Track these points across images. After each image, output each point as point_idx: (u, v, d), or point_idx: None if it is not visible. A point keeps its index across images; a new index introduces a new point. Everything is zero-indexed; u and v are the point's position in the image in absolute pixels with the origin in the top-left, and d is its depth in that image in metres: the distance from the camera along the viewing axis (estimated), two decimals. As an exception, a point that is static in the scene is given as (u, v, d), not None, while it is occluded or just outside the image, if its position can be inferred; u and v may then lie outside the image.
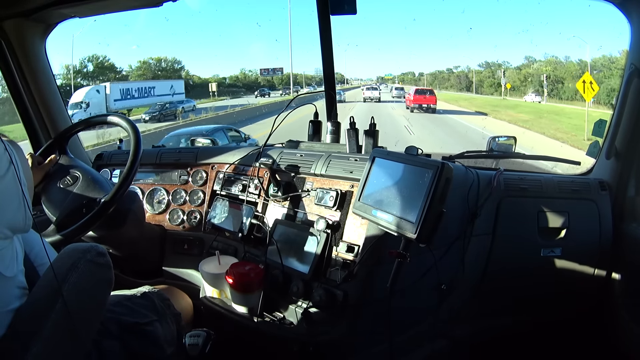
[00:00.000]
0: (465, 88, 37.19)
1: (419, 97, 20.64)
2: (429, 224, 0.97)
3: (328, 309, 1.18)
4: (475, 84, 36.42)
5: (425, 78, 43.03)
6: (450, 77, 40.41)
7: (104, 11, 1.79)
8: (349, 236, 1.27)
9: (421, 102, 20.38)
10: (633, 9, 1.38)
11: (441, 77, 41.54)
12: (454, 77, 39.90)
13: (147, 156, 1.76)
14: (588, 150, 1.61)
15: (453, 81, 39.47)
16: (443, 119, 18.58)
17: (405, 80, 43.22)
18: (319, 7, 1.71)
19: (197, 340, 1.18)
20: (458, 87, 38.16)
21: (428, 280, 1.22)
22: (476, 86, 36.11)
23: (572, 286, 1.51)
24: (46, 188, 1.38)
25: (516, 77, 32.56)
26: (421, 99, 20.53)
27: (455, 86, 38.56)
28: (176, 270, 1.65)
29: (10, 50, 1.69)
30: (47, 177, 1.39)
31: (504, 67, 34.56)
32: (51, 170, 1.40)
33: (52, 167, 1.41)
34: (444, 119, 18.83)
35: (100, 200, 1.30)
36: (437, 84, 39.63)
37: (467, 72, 38.11)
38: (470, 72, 37.73)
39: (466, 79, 38.03)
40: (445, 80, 40.68)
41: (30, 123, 1.82)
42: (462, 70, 39.47)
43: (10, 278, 0.80)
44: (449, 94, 32.47)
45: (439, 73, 42.56)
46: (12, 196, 0.80)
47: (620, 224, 1.48)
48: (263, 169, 1.49)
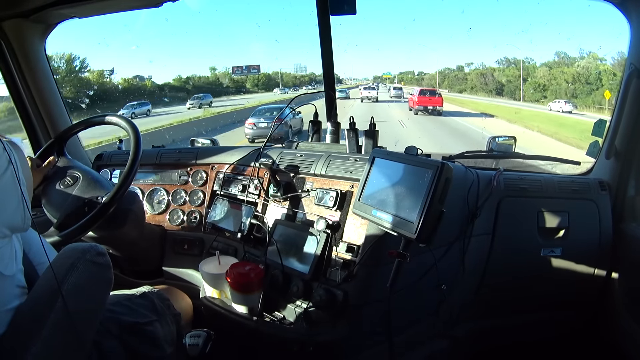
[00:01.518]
0: (496, 92, 28.49)
1: (423, 99, 18.87)
2: (429, 224, 0.97)
3: (328, 309, 1.18)
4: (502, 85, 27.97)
5: (435, 77, 35.21)
6: (468, 76, 31.53)
7: (103, 11, 1.78)
8: (349, 236, 1.27)
9: (426, 104, 18.61)
10: (632, 9, 1.38)
11: (453, 76, 33.42)
12: (474, 76, 30.71)
13: (147, 156, 1.76)
14: (588, 150, 1.62)
15: (475, 81, 30.42)
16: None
17: (405, 80, 38.76)
18: (318, 7, 1.72)
19: (197, 341, 1.18)
20: (484, 90, 29.11)
21: (428, 280, 1.22)
22: (508, 89, 27.37)
23: (572, 286, 1.51)
24: (46, 190, 1.38)
25: (546, 76, 25.35)
26: (426, 101, 18.77)
27: (479, 88, 29.65)
28: (176, 271, 1.65)
29: (10, 51, 1.69)
30: (46, 179, 1.39)
31: (528, 63, 27.44)
32: (50, 173, 1.40)
33: (50, 170, 1.40)
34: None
35: (102, 198, 1.30)
36: (449, 85, 32.62)
37: (488, 70, 29.42)
38: (494, 71, 29.11)
39: (492, 79, 29.13)
40: (460, 80, 32.29)
41: (30, 124, 1.82)
42: (476, 68, 30.89)
43: (9, 277, 0.80)
44: (477, 102, 23.82)
45: (450, 72, 34.35)
46: (11, 195, 0.80)
47: (620, 223, 1.48)
48: (263, 169, 1.49)
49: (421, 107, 18.55)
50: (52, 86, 1.84)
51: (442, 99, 19.03)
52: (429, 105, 18.59)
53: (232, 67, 31.32)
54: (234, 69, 31.26)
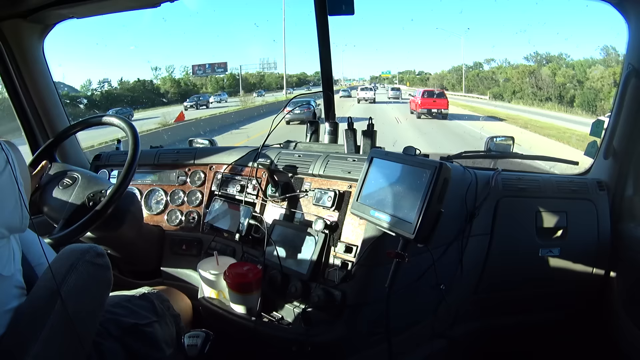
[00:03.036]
0: (558, 99, 19.52)
1: (427, 101, 17.53)
2: (427, 224, 0.97)
3: (326, 310, 1.18)
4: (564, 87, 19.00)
5: (443, 76, 28.35)
6: (497, 73, 23.26)
7: (102, 12, 1.78)
8: (347, 236, 1.27)
9: (430, 107, 17.34)
10: (630, 9, 1.38)
11: (473, 75, 25.19)
12: (515, 75, 22.32)
13: (145, 157, 1.76)
14: (586, 150, 1.62)
15: (519, 83, 21.77)
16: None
17: (407, 80, 35.04)
18: (316, 7, 1.72)
19: (195, 341, 1.18)
20: (537, 96, 20.45)
21: (426, 281, 1.22)
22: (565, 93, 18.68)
23: (571, 286, 1.52)
24: (44, 195, 1.36)
25: (606, 78, 18.11)
26: (430, 103, 17.45)
27: (527, 93, 20.92)
28: (174, 271, 1.65)
29: (8, 52, 1.68)
30: (41, 187, 1.38)
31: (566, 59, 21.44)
32: (44, 180, 1.39)
33: (45, 176, 1.39)
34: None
35: (106, 191, 1.29)
36: (471, 86, 25.52)
37: (533, 68, 21.74)
38: (535, 70, 21.54)
39: (546, 80, 20.26)
40: (487, 80, 24.28)
41: (29, 125, 1.82)
42: (500, 66, 23.34)
43: (7, 277, 0.80)
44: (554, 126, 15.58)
45: (469, 69, 26.75)
46: (9, 196, 0.80)
47: (618, 223, 1.48)
48: (261, 170, 1.49)
49: (424, 109, 17.40)
50: (51, 87, 1.84)
51: (447, 101, 17.90)
52: (434, 108, 17.45)
53: (193, 66, 27.07)
54: (195, 69, 26.98)
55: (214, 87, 27.39)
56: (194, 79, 27.43)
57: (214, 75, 27.05)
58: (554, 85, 19.58)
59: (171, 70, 27.80)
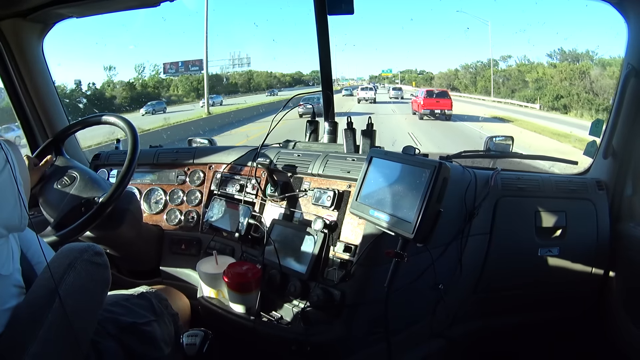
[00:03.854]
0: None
1: (430, 101, 16.94)
2: (426, 224, 0.97)
3: (325, 309, 1.18)
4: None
5: (450, 74, 24.85)
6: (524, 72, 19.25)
7: (101, 11, 1.78)
8: (347, 236, 1.27)
9: (433, 107, 16.76)
10: (630, 9, 1.38)
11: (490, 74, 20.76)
12: (556, 74, 17.62)
13: (144, 156, 1.76)
14: (585, 150, 1.61)
15: (573, 87, 16.57)
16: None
17: (410, 79, 32.65)
18: (316, 7, 1.71)
19: (194, 340, 1.18)
20: (592, 103, 16.09)
21: (425, 280, 1.22)
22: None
23: (570, 285, 1.52)
24: (43, 189, 1.37)
25: None
26: (433, 103, 16.87)
27: (580, 101, 16.33)
28: (174, 270, 1.65)
29: (7, 51, 1.68)
30: (44, 178, 1.39)
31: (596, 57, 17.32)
32: (48, 172, 1.40)
33: (48, 169, 1.40)
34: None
35: (99, 198, 1.30)
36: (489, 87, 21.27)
37: (583, 67, 17.36)
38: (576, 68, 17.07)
39: (607, 85, 15.54)
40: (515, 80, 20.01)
41: (28, 124, 1.82)
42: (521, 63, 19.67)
43: (6, 276, 0.80)
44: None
45: (483, 67, 22.59)
46: (8, 195, 0.80)
47: (618, 223, 1.48)
48: (260, 169, 1.49)
49: (427, 110, 16.85)
50: (50, 86, 1.84)
51: (450, 102, 17.33)
52: (437, 109, 16.90)
53: (164, 64, 23.17)
54: (166, 67, 23.11)
55: (184, 88, 24.04)
56: (166, 80, 23.65)
57: (188, 74, 23.70)
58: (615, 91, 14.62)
59: (141, 70, 24.08)
